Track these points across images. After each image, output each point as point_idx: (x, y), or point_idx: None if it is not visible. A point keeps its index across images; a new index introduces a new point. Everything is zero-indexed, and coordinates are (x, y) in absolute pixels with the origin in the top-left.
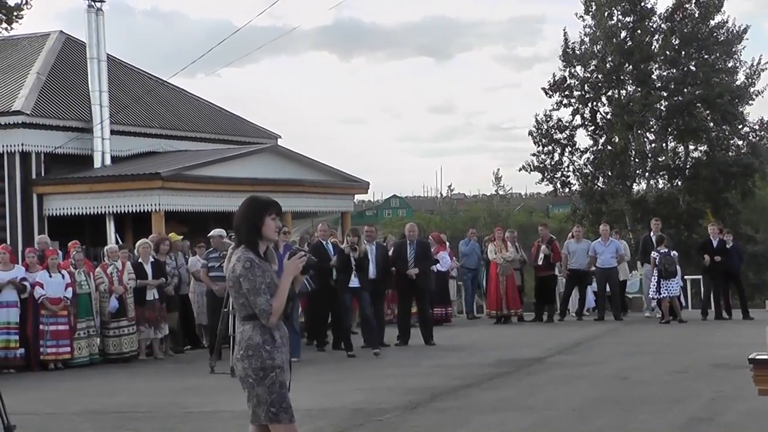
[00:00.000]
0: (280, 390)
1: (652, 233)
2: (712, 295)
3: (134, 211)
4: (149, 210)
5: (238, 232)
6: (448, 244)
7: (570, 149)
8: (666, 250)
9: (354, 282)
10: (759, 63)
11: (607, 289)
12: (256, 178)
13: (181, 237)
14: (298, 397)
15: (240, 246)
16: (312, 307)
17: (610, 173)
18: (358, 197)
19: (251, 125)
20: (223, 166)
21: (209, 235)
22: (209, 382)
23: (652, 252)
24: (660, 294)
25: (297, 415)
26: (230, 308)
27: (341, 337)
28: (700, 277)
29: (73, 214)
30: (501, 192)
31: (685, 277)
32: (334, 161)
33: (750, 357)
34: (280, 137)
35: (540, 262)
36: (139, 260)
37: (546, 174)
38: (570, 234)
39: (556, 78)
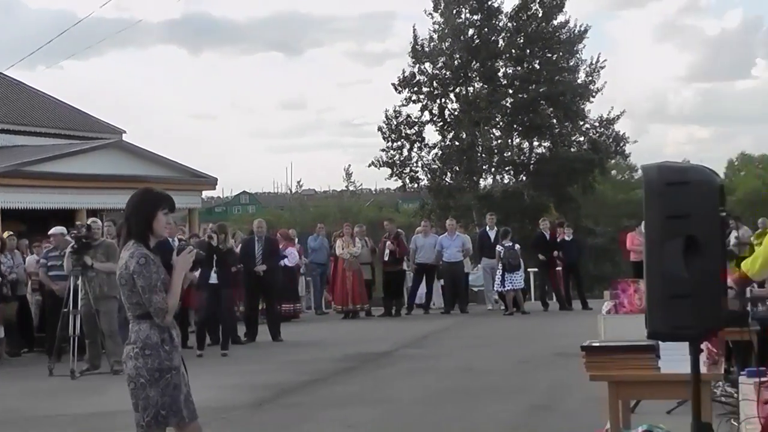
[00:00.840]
0: (173, 392)
1: (488, 227)
2: (550, 287)
3: None
4: None
5: (128, 225)
6: (296, 240)
7: (419, 145)
8: (510, 244)
9: (213, 278)
10: (598, 61)
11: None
12: (99, 175)
13: (10, 234)
14: None
15: (130, 241)
16: None
17: (457, 168)
18: (206, 194)
19: (95, 120)
20: (64, 161)
21: (50, 233)
22: (48, 385)
23: (497, 246)
24: (504, 287)
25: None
26: (70, 308)
27: (187, 336)
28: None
29: None
30: (351, 188)
31: (528, 270)
32: (183, 157)
33: (582, 345)
34: (125, 132)
35: (386, 258)
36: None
37: (395, 169)
38: (417, 229)
39: (406, 74)
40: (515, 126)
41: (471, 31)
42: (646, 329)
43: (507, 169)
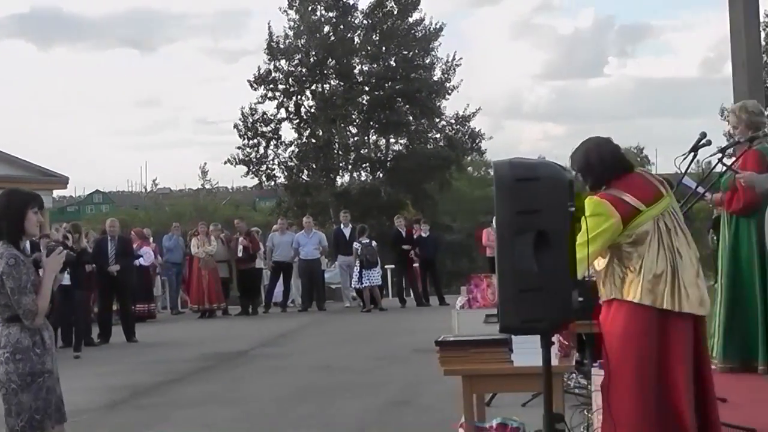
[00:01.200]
0: (47, 396)
1: (342, 225)
2: (407, 283)
3: None
4: None
5: None
6: (152, 239)
7: (275, 142)
8: (367, 241)
9: (65, 279)
10: (454, 59)
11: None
12: None
13: None
14: None
15: None
16: None
17: (314, 166)
18: (58, 193)
19: None
20: None
21: None
22: None
23: (354, 243)
24: (362, 283)
25: None
26: None
27: None
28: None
29: None
30: (207, 186)
31: (386, 266)
32: (34, 156)
33: (436, 340)
34: None
35: (240, 254)
36: None
37: (251, 167)
38: (273, 227)
39: (261, 71)
40: (372, 123)
41: (326, 28)
42: (498, 323)
43: (364, 166)
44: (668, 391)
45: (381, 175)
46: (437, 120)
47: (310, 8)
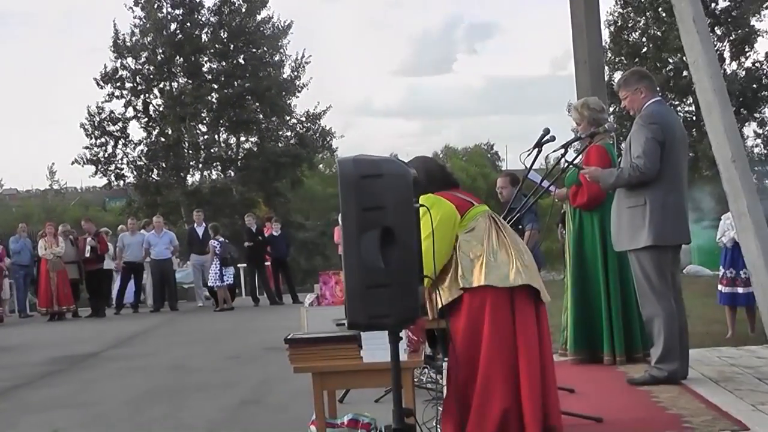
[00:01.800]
0: None
1: (195, 224)
2: (261, 282)
3: None
4: None
5: None
6: None
7: (123, 141)
8: (222, 239)
9: None
10: (303, 57)
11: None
12: None
13: None
14: None
15: None
16: None
17: (164, 165)
18: None
19: None
20: None
21: None
22: None
23: (211, 241)
24: (223, 281)
25: None
26: None
27: None
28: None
29: None
30: (56, 186)
31: (238, 265)
32: None
33: (285, 337)
34: None
35: (87, 255)
36: None
37: (99, 167)
38: (121, 227)
39: (108, 69)
40: (222, 121)
41: (173, 26)
42: (346, 319)
43: (214, 164)
44: (509, 373)
45: (232, 173)
46: (288, 118)
47: (156, 5)
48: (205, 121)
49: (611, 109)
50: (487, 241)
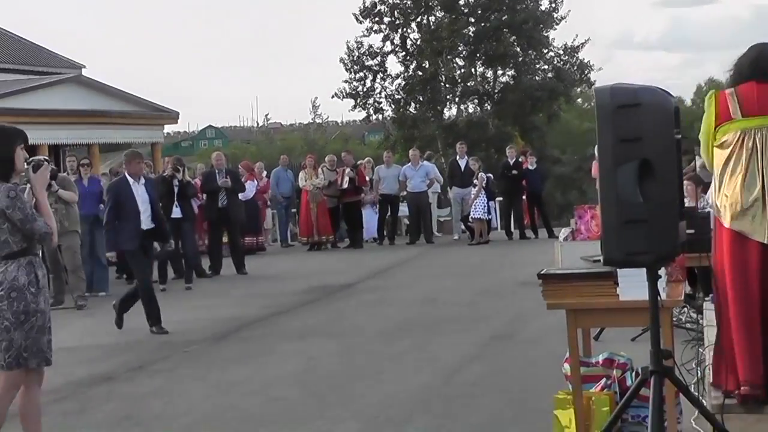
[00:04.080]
0: (37, 335)
1: (458, 157)
2: (514, 216)
3: None
4: None
5: None
6: (264, 173)
7: (381, 76)
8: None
9: (176, 212)
10: None
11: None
12: (59, 110)
13: None
14: (103, 332)
15: None
16: None
17: (421, 99)
18: (171, 128)
19: (54, 55)
20: (22, 97)
21: None
22: None
23: (479, 173)
24: (489, 214)
25: (102, 350)
26: None
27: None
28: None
29: None
30: (318, 120)
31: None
32: (149, 92)
33: (539, 273)
34: (84, 67)
35: (345, 186)
36: None
37: (358, 100)
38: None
39: (367, 4)
40: (478, 55)
41: None
42: (602, 256)
43: (471, 98)
44: None
45: (488, 107)
46: (545, 51)
47: None
48: (461, 55)
49: None
50: (732, 174)
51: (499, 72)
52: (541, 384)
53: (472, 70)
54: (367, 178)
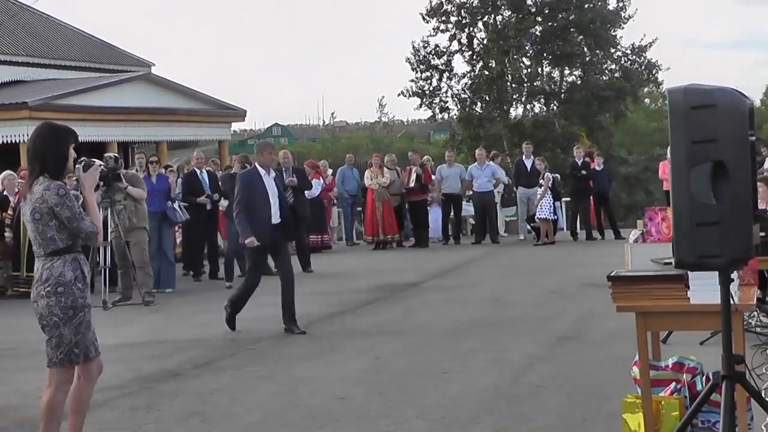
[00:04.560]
0: (86, 331)
1: (524, 156)
2: (581, 217)
3: (1, 142)
4: (17, 141)
5: (42, 161)
6: (330, 171)
7: (448, 75)
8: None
9: None
10: None
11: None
12: (129, 107)
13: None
14: (170, 328)
15: (39, 177)
16: (188, 236)
17: (487, 98)
18: (239, 126)
19: (124, 53)
20: (93, 94)
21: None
22: None
23: (547, 174)
24: (555, 215)
25: (169, 346)
26: (100, 240)
27: (217, 267)
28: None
29: None
30: (384, 119)
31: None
32: (216, 90)
33: (608, 275)
34: (153, 65)
35: (412, 184)
36: (4, 193)
37: (424, 99)
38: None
39: (434, 3)
40: (545, 54)
41: None
42: (673, 258)
43: (537, 98)
44: None
45: (554, 107)
46: (612, 50)
47: None
48: (528, 54)
49: None
50: None
51: (566, 71)
52: (608, 387)
53: (539, 69)
54: (432, 177)
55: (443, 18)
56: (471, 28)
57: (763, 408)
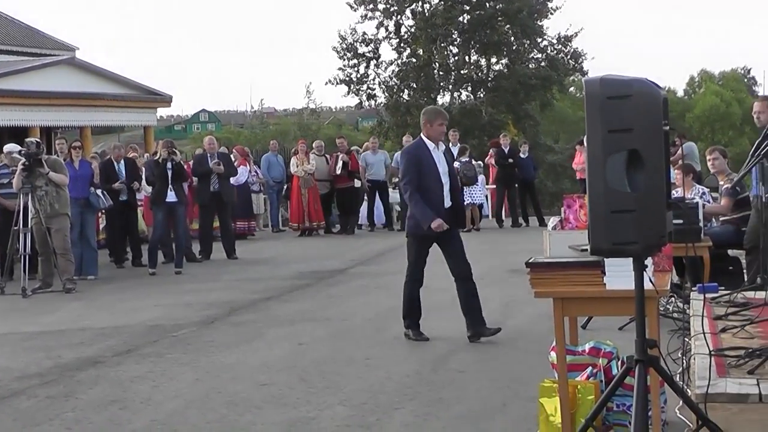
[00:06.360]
0: None
1: (451, 144)
2: (507, 204)
3: None
4: None
5: None
6: (252, 158)
7: (375, 62)
8: (467, 159)
9: (170, 196)
10: None
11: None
12: (52, 92)
13: None
14: (92, 315)
15: None
16: (110, 223)
17: (414, 86)
18: (165, 112)
19: (47, 37)
20: (16, 78)
21: (5, 150)
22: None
23: (454, 162)
24: (474, 201)
25: (90, 333)
26: (20, 226)
27: (140, 254)
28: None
29: None
30: (312, 105)
31: (487, 186)
32: (143, 76)
33: (527, 261)
34: (78, 49)
35: (338, 172)
36: None
37: (352, 87)
38: (366, 144)
39: None
40: (472, 43)
41: None
42: (589, 245)
43: (464, 85)
44: None
45: (482, 95)
46: (539, 40)
47: None
48: (455, 43)
49: None
50: None
51: (493, 60)
52: (528, 372)
53: (466, 57)
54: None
55: (371, 6)
56: (398, 16)
57: (675, 392)
